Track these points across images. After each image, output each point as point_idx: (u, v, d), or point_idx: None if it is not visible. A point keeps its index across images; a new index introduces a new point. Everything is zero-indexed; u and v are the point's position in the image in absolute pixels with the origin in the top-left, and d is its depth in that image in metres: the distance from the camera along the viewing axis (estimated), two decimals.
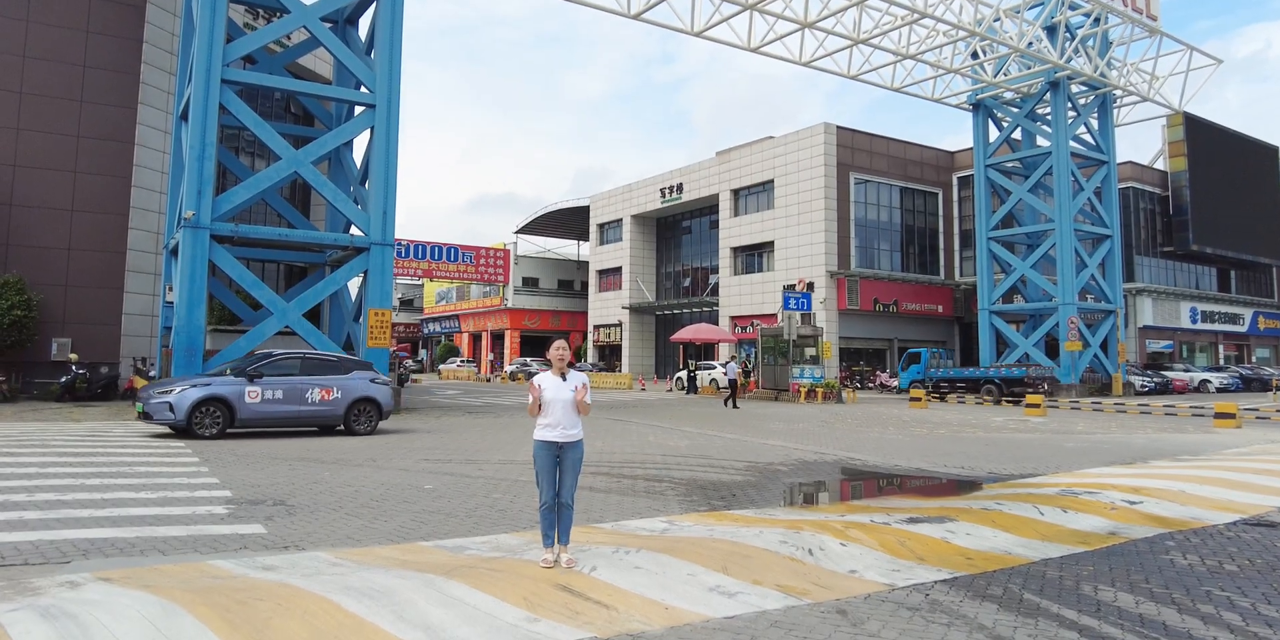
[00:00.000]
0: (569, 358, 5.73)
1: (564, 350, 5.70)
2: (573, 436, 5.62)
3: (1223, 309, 50.62)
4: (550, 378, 5.68)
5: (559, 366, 5.68)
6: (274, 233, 19.73)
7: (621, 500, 8.12)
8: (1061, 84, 34.92)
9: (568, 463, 5.59)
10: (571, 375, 5.69)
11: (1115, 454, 12.91)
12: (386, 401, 15.32)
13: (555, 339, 5.79)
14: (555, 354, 5.69)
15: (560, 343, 5.74)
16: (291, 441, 12.92)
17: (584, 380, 5.75)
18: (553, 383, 5.64)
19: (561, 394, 5.58)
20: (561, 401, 5.56)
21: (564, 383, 5.63)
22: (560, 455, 5.59)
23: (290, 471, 9.66)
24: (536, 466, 5.60)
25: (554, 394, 5.57)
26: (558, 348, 5.70)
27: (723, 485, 9.24)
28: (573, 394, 5.60)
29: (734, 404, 23.92)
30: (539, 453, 5.60)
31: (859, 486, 9.91)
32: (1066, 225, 34.25)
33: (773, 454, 12.45)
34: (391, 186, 20.25)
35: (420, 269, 59.09)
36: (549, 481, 5.52)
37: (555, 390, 5.59)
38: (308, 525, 6.72)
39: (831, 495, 9.18)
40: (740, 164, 45.60)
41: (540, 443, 5.62)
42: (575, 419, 5.66)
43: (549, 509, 5.49)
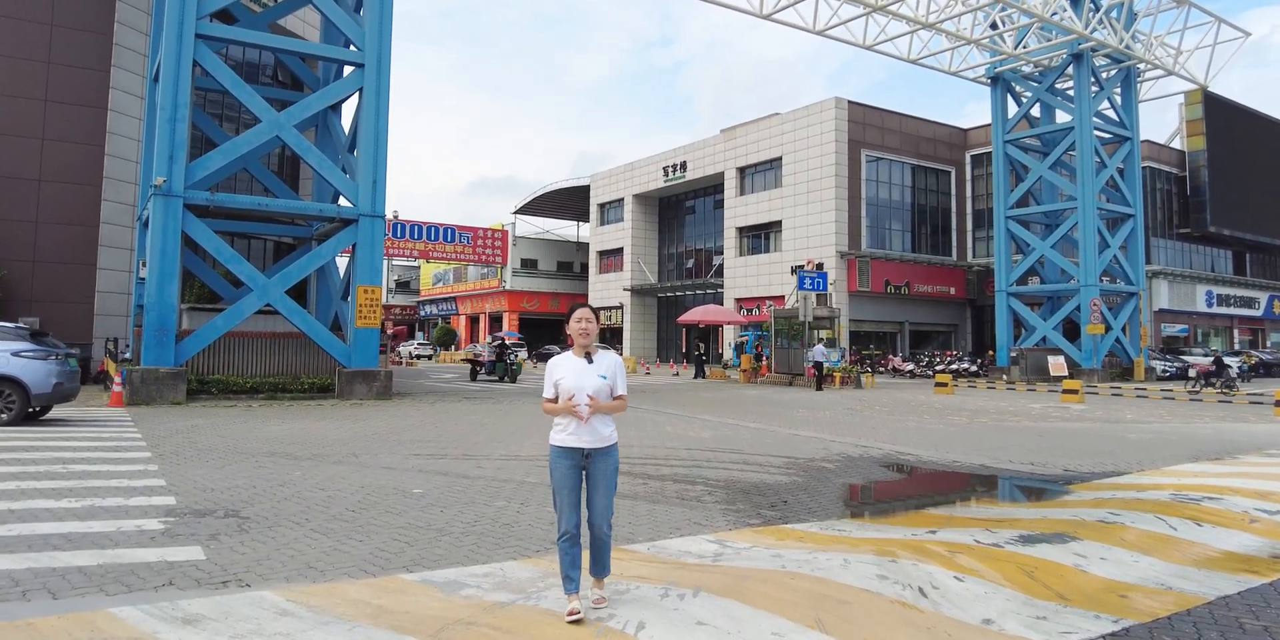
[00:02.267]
0: (595, 332, 4.25)
1: (589, 322, 4.21)
2: (605, 440, 4.17)
3: (1238, 292, 49.27)
4: (571, 360, 4.21)
5: (582, 344, 4.21)
6: (254, 202, 18.17)
7: (653, 510, 6.67)
8: (1085, 56, 33.27)
9: (598, 475, 4.14)
10: (601, 356, 4.24)
11: (1189, 447, 11.51)
12: (38, 383, 11.66)
13: (577, 307, 4.29)
14: (576, 327, 4.20)
15: (584, 313, 4.25)
16: (268, 429, 11.48)
17: (617, 363, 4.29)
18: (574, 366, 4.18)
19: (587, 381, 4.13)
20: (584, 391, 4.12)
21: (590, 367, 4.17)
22: (587, 466, 4.15)
23: (255, 470, 8.20)
24: (554, 482, 4.14)
25: (577, 381, 4.12)
26: (580, 319, 4.21)
27: (767, 488, 7.80)
28: (603, 381, 4.15)
29: (818, 387, 24.48)
30: (556, 463, 4.15)
31: (931, 491, 8.47)
32: (1090, 203, 32.73)
33: (810, 448, 11.02)
34: (382, 153, 18.68)
35: (416, 250, 57.95)
36: (571, 502, 4.08)
37: (578, 377, 4.14)
38: (261, 547, 5.27)
39: (903, 502, 7.73)
40: (746, 141, 43.94)
41: (558, 449, 4.17)
42: (608, 417, 4.23)
43: (571, 540, 4.05)
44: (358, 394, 17.89)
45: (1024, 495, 7.98)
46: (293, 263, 19.26)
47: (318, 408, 15.80)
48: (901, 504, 7.51)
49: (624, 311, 51.59)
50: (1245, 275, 51.23)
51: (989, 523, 6.27)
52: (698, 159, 46.82)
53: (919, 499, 7.82)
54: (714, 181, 46.75)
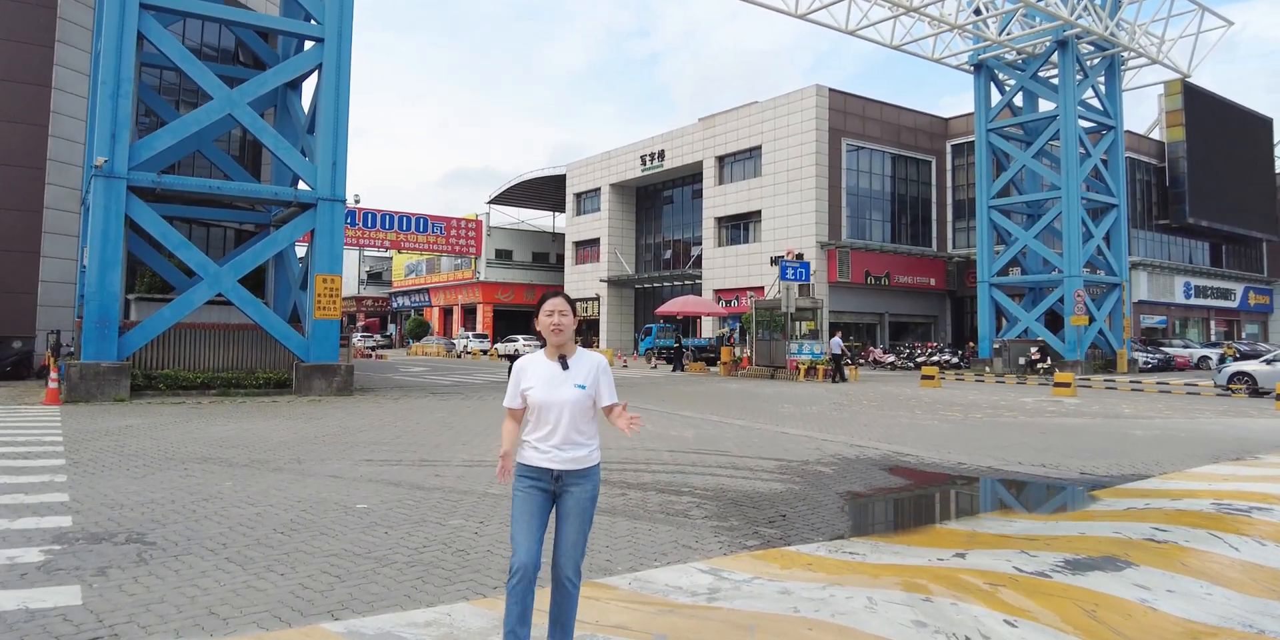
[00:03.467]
0: (571, 327, 3.34)
1: (562, 315, 3.31)
2: (583, 461, 3.28)
3: (1215, 284, 49.26)
4: (542, 364, 3.33)
5: (555, 342, 3.33)
6: (204, 185, 16.99)
7: (634, 529, 5.77)
8: (1070, 43, 32.67)
9: (571, 505, 3.25)
10: (580, 360, 3.34)
11: (1203, 446, 10.80)
12: None
13: (548, 297, 3.37)
14: (547, 322, 3.31)
15: (556, 303, 3.34)
16: (211, 430, 10.46)
17: (600, 366, 3.39)
18: (545, 373, 3.29)
19: (561, 393, 3.24)
20: (562, 406, 3.24)
21: (565, 374, 3.28)
22: (558, 491, 3.25)
23: (181, 480, 7.20)
24: (513, 506, 3.25)
25: (547, 393, 3.24)
26: (551, 311, 3.31)
27: (761, 499, 6.93)
28: (581, 393, 3.26)
29: (840, 378, 24.33)
30: (519, 485, 3.26)
31: (944, 500, 7.64)
32: (1074, 193, 32.19)
33: (801, 448, 10.18)
34: (342, 134, 17.59)
35: (388, 240, 56.62)
36: (531, 532, 3.18)
37: (549, 387, 3.25)
38: (157, 585, 4.31)
39: (919, 515, 6.90)
40: (725, 129, 43.05)
41: (523, 467, 3.28)
42: (589, 430, 3.33)
43: (525, 582, 3.14)
44: (316, 389, 16.83)
45: (1048, 504, 7.18)
46: (246, 250, 18.12)
47: (271, 405, 14.74)
48: (915, 517, 6.67)
49: (600, 303, 50.63)
50: (1222, 267, 51.26)
51: (1022, 542, 5.44)
52: (676, 148, 45.88)
53: (933, 510, 6.99)
54: (692, 171, 45.86)
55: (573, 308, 3.39)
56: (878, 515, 6.76)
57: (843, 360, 25.25)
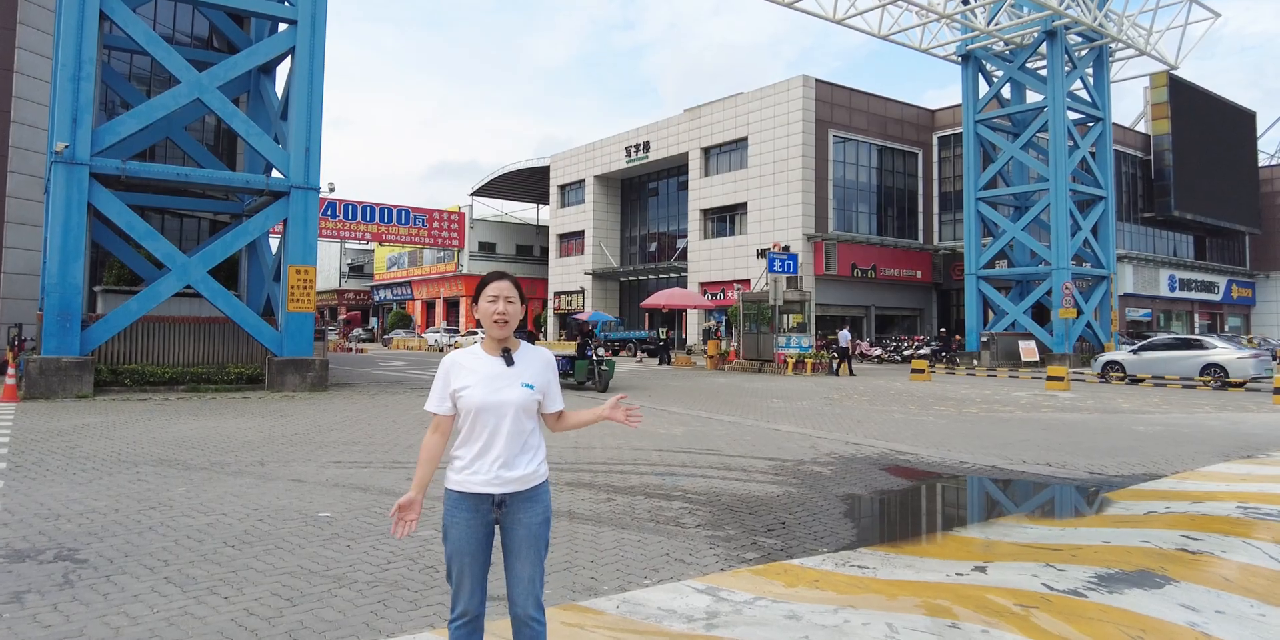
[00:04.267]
0: (518, 316, 2.78)
1: (508, 302, 2.76)
2: (528, 480, 2.74)
3: (1199, 277, 49.30)
4: (481, 359, 2.76)
5: (497, 336, 2.76)
6: (171, 172, 16.30)
7: (622, 539, 5.28)
8: (1059, 33, 32.36)
9: (521, 534, 2.72)
10: (525, 355, 2.80)
11: (1210, 443, 10.44)
12: None
13: (490, 279, 2.81)
14: (489, 309, 2.75)
15: (501, 287, 2.77)
16: (174, 428, 9.88)
17: (548, 364, 2.86)
18: (486, 370, 2.73)
19: (506, 394, 2.70)
20: (505, 410, 2.70)
21: (510, 371, 2.73)
22: (501, 519, 2.73)
23: (130, 486, 6.65)
24: (448, 545, 2.70)
25: (487, 394, 2.69)
26: (494, 297, 2.75)
27: (758, 503, 6.46)
28: (529, 393, 2.73)
29: (850, 372, 24.40)
30: (454, 516, 2.70)
31: (951, 504, 7.20)
32: (1062, 185, 31.94)
33: (795, 446, 9.73)
34: (316, 120, 16.95)
35: (369, 232, 55.74)
36: (475, 574, 2.67)
37: (491, 387, 2.70)
38: (79, 613, 3.78)
39: (929, 521, 6.46)
40: (711, 120, 42.51)
41: (456, 496, 2.71)
42: (535, 440, 2.80)
43: (471, 627, 2.67)
44: (289, 385, 16.23)
45: (1064, 508, 6.75)
46: (216, 240, 17.46)
47: (242, 401, 14.14)
48: (924, 523, 6.22)
49: (585, 296, 50.07)
50: (1205, 260, 51.36)
51: (1045, 552, 4.99)
52: (661, 139, 45.31)
53: (943, 515, 6.55)
54: (678, 162, 45.31)
55: (520, 294, 2.81)
56: (884, 521, 6.31)
57: (850, 354, 25.45)
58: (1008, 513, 6.59)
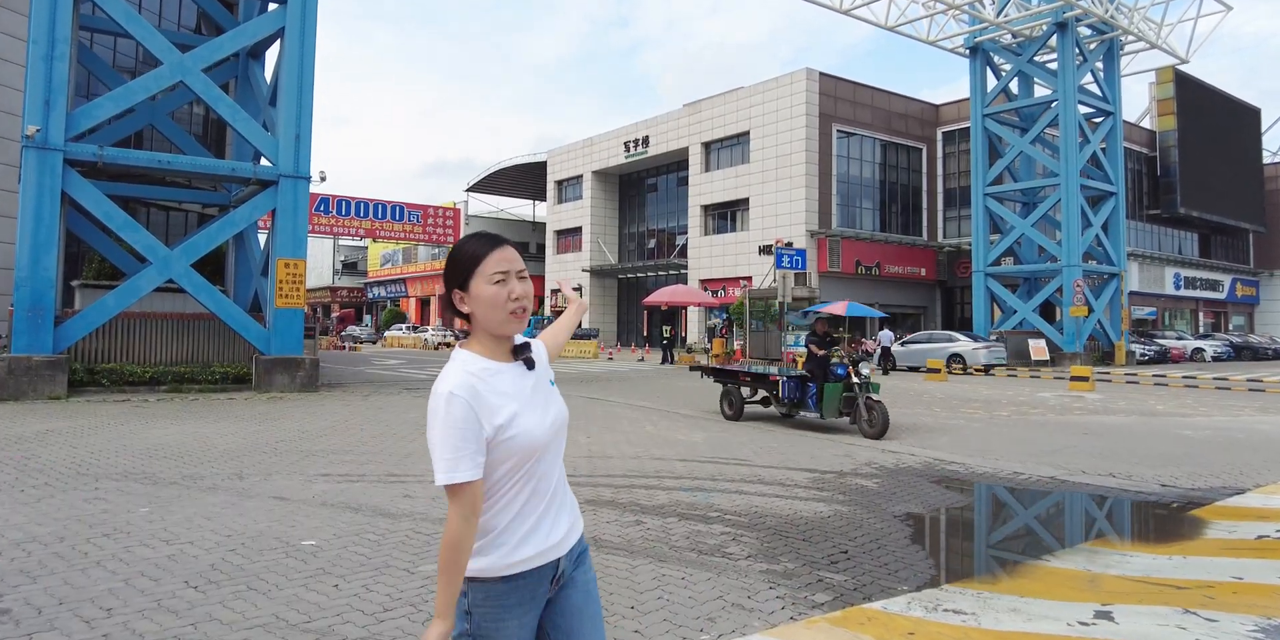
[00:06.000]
0: (529, 308, 1.84)
1: (521, 279, 1.80)
2: (579, 516, 1.92)
3: (1204, 275, 48.73)
4: (500, 373, 1.78)
5: (513, 331, 1.83)
6: (153, 159, 15.38)
7: (662, 576, 4.44)
8: (1069, 25, 31.61)
9: (575, 607, 1.85)
10: (539, 354, 1.91)
11: (1268, 449, 9.65)
12: None
13: (487, 246, 1.79)
14: (496, 295, 1.76)
15: (508, 257, 1.79)
16: (148, 434, 9.01)
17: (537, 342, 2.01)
18: (519, 386, 1.79)
19: (557, 412, 1.85)
20: (561, 435, 1.86)
21: (536, 374, 1.85)
22: (563, 584, 1.85)
23: (85, 505, 5.78)
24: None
25: (544, 421, 1.79)
26: (503, 275, 1.76)
27: (809, 526, 5.63)
28: (563, 410, 1.89)
29: (887, 370, 24.43)
30: (499, 619, 1.72)
31: (1024, 523, 6.38)
32: (1073, 180, 31.17)
33: (828, 454, 8.90)
34: (306, 105, 16.05)
35: (362, 228, 54.49)
36: None
37: (541, 406, 1.81)
38: None
39: (1010, 547, 5.62)
40: (712, 115, 41.67)
41: (506, 586, 1.73)
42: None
43: None
44: (278, 385, 15.34)
45: (1156, 529, 5.92)
46: (200, 232, 16.56)
47: (226, 403, 13.26)
48: (1007, 550, 5.39)
49: (582, 293, 49.18)
50: (1210, 258, 50.77)
51: (1169, 590, 4.17)
52: (660, 134, 44.45)
53: (1022, 539, 5.73)
54: (678, 157, 44.45)
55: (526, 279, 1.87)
56: (959, 548, 5.48)
57: (890, 352, 25.81)
58: (1093, 536, 5.76)
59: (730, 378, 12.37)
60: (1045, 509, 6.72)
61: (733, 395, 12.04)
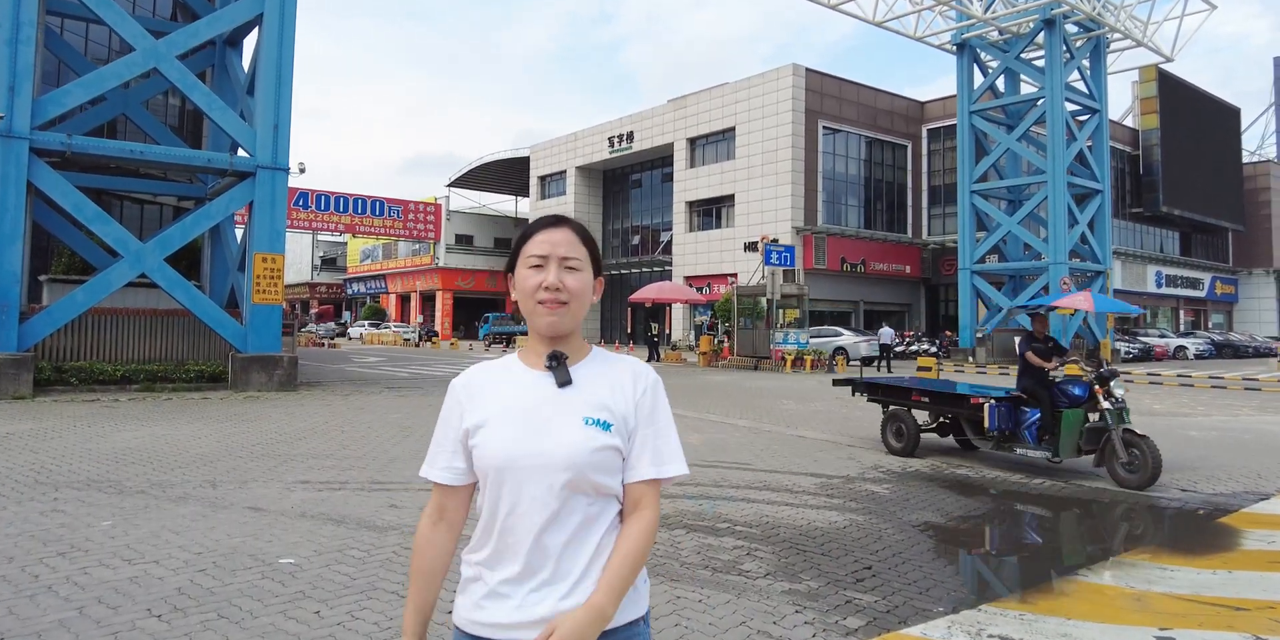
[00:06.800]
0: (582, 299, 1.52)
1: (568, 268, 1.50)
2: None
3: (1185, 273, 49.05)
4: (507, 373, 1.53)
5: (547, 330, 1.49)
6: (123, 149, 14.80)
7: (676, 596, 4.06)
8: (1057, 22, 31.51)
9: None
10: (596, 364, 1.55)
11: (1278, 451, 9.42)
12: None
13: (538, 226, 1.55)
14: (530, 281, 1.49)
15: (554, 239, 1.51)
16: (117, 437, 8.53)
17: (644, 382, 1.56)
18: (516, 393, 1.49)
19: (551, 437, 1.43)
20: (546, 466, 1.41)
21: (560, 394, 1.47)
22: None
23: (40, 518, 5.32)
24: None
25: (518, 439, 1.43)
26: (541, 259, 1.49)
27: (826, 538, 5.27)
28: (600, 437, 1.44)
29: (888, 368, 24.28)
30: None
31: (1050, 533, 6.05)
32: (1060, 177, 31.08)
33: (831, 458, 8.56)
34: (285, 94, 15.51)
35: (342, 224, 53.87)
36: None
37: (523, 423, 1.45)
38: None
39: (1042, 560, 5.29)
40: (697, 110, 41.29)
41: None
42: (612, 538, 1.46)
43: None
44: (255, 384, 14.82)
45: (1188, 539, 5.60)
46: (174, 225, 15.99)
47: (201, 403, 12.74)
48: (1039, 564, 5.05)
49: None
50: (1191, 256, 51.10)
51: (1227, 612, 3.85)
52: (645, 129, 44.03)
53: (1052, 550, 5.40)
54: (663, 153, 44.05)
55: (592, 254, 1.57)
56: (987, 561, 5.14)
57: (890, 350, 25.69)
58: (1124, 547, 5.44)
59: (897, 397, 9.26)
60: (1067, 517, 6.40)
61: (903, 422, 8.86)
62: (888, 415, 9.15)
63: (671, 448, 1.51)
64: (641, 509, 1.47)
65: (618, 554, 1.42)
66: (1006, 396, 8.13)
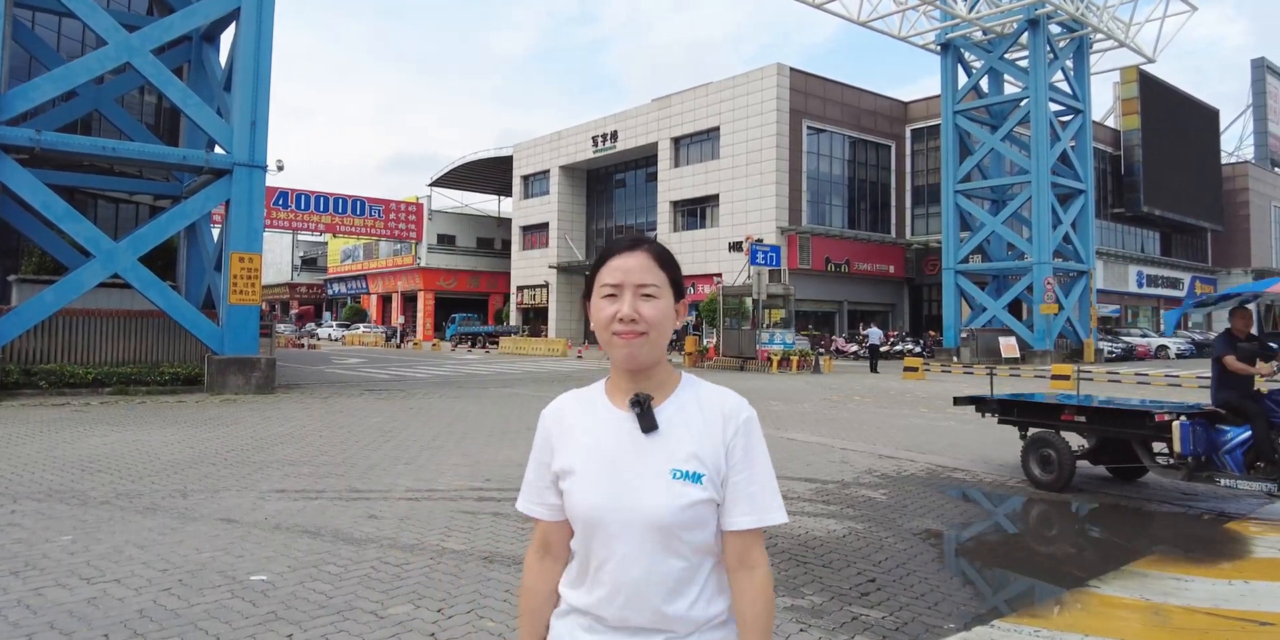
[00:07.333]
0: (661, 328, 1.38)
1: (644, 296, 1.37)
2: None
3: (1165, 273, 49.42)
4: (595, 410, 1.42)
5: (624, 364, 1.39)
6: (95, 145, 14.41)
7: None
8: (1041, 22, 31.58)
9: None
10: (681, 400, 1.42)
11: None
12: None
13: (611, 251, 1.42)
14: (604, 313, 1.37)
15: (627, 264, 1.38)
16: (86, 442, 8.21)
17: (739, 422, 1.43)
18: (602, 434, 1.39)
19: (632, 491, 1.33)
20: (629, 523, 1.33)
21: (644, 441, 1.36)
22: None
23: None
24: None
25: (608, 494, 1.34)
26: (615, 288, 1.37)
27: (826, 549, 5.06)
28: (690, 491, 1.33)
29: (876, 368, 24.11)
30: None
31: (1056, 541, 5.87)
32: (1044, 177, 31.13)
33: (823, 461, 8.37)
34: (263, 90, 15.17)
35: (323, 223, 53.22)
36: None
37: (610, 475, 1.35)
38: None
39: (1051, 571, 5.10)
40: (682, 110, 41.11)
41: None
42: (703, 586, 1.36)
43: None
44: (231, 386, 14.47)
45: (1198, 546, 5.44)
46: (148, 224, 15.61)
47: (175, 406, 12.39)
48: (1048, 575, 4.85)
49: (549, 290, 48.46)
50: (1171, 256, 51.49)
51: (1248, 623, 3.67)
52: (629, 128, 43.79)
53: (1059, 560, 5.21)
54: (647, 152, 43.83)
55: (672, 277, 1.42)
56: (994, 572, 4.95)
57: (879, 350, 25.51)
58: (1133, 556, 5.27)
59: (1042, 418, 7.58)
60: (1071, 523, 6.23)
61: (1054, 448, 7.16)
62: (1030, 441, 7.46)
63: (768, 494, 1.38)
64: (750, 566, 1.36)
65: (747, 630, 1.34)
66: (1200, 413, 6.67)
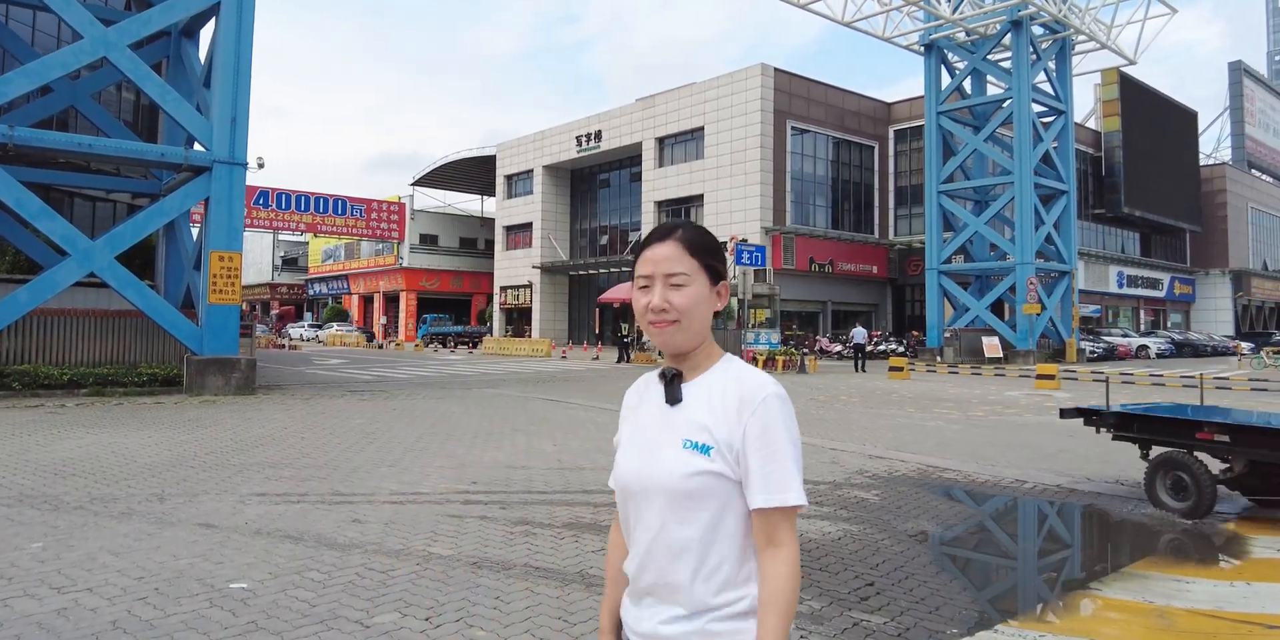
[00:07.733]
0: (693, 314, 1.41)
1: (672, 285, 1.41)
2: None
3: (1145, 274, 49.83)
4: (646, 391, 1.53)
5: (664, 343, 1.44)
6: (70, 141, 14.12)
7: None
8: (1024, 24, 31.75)
9: None
10: (712, 378, 1.44)
11: None
12: None
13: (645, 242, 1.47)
14: (638, 302, 1.45)
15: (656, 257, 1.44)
16: (60, 445, 7.99)
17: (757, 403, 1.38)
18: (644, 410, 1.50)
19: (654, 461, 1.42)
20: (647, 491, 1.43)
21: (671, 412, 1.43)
22: None
23: None
24: None
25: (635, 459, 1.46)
26: (647, 280, 1.44)
27: (821, 551, 4.96)
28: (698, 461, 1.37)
29: (862, 368, 24.20)
30: None
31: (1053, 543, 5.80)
32: (1026, 178, 31.28)
33: (814, 462, 8.28)
34: (244, 86, 14.93)
35: (304, 223, 52.73)
36: None
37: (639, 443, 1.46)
38: None
39: (1048, 573, 5.02)
40: (666, 110, 41.01)
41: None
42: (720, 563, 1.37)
43: None
44: (211, 387, 14.22)
45: (1193, 549, 5.38)
46: (126, 222, 15.33)
47: (153, 408, 12.15)
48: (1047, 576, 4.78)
49: (533, 290, 48.20)
50: (1151, 257, 51.96)
51: (1255, 626, 3.61)
52: (613, 128, 43.65)
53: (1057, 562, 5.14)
54: (631, 152, 43.69)
55: (708, 263, 1.45)
56: (994, 575, 4.87)
57: (864, 350, 25.60)
58: (1134, 558, 5.20)
59: (1172, 435, 6.36)
60: (1067, 524, 6.17)
61: (1188, 471, 6.04)
62: (1157, 463, 6.33)
63: (786, 475, 1.36)
64: (776, 545, 1.35)
65: (765, 606, 1.32)
66: None
